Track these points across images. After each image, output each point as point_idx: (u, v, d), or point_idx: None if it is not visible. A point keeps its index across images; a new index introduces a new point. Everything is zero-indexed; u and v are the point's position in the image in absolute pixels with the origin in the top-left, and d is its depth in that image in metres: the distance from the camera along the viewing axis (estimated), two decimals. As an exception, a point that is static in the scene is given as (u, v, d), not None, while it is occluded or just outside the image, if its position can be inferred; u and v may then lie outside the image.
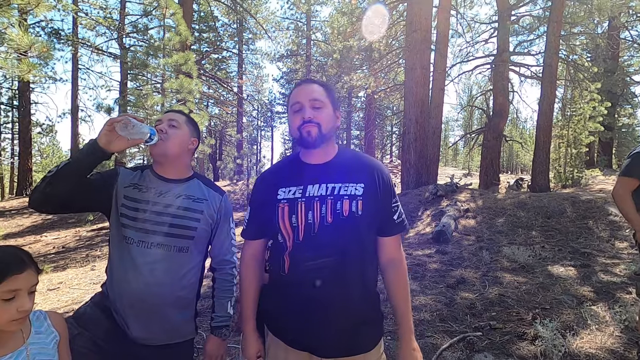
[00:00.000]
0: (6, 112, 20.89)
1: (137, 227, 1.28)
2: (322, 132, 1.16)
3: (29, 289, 0.92)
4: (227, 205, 1.46)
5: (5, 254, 0.91)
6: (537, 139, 9.00)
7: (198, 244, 1.36)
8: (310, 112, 1.15)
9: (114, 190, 1.33)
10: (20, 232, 10.03)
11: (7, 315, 0.87)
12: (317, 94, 1.18)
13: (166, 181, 1.36)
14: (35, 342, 0.99)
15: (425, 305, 3.24)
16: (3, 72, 13.91)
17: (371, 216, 1.15)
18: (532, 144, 11.67)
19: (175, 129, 1.37)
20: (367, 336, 1.19)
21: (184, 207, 1.33)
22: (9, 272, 0.88)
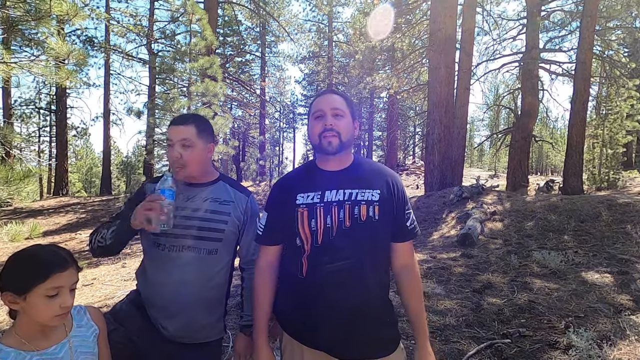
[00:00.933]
0: (45, 117, 22.12)
1: (167, 232, 1.32)
2: (342, 140, 1.21)
3: (71, 286, 0.97)
4: (253, 206, 1.47)
5: (49, 254, 0.96)
6: (569, 138, 8.61)
7: (226, 245, 1.39)
8: (331, 120, 1.21)
9: None
10: (57, 230, 10.57)
11: (51, 311, 0.93)
12: (338, 104, 1.24)
13: (193, 186, 1.39)
14: (77, 335, 1.05)
15: (450, 309, 3.16)
16: (43, 79, 14.72)
17: (387, 221, 1.19)
18: (564, 144, 11.19)
19: (190, 148, 1.34)
20: (385, 339, 1.20)
21: (211, 210, 1.36)
22: (52, 271, 0.93)
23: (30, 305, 0.92)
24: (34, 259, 0.94)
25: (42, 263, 0.93)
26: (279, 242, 1.29)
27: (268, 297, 1.28)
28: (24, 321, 0.95)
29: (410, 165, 23.35)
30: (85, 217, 12.23)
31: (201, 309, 1.34)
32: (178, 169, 1.33)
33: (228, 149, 10.14)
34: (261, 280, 1.29)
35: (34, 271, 0.92)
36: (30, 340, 0.95)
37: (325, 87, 22.32)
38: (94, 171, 30.53)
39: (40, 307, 0.92)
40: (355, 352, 1.16)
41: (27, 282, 0.91)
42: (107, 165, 18.21)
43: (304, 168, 1.33)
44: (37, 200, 15.54)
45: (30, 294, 0.91)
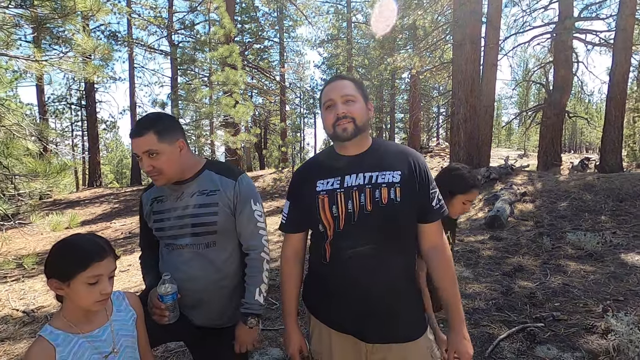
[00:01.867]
0: (76, 112, 23.08)
1: (167, 235, 1.38)
2: (357, 125, 1.18)
3: (109, 274, 1.03)
4: (243, 188, 1.39)
5: (89, 243, 1.01)
6: (607, 113, 8.09)
7: (225, 234, 1.37)
8: (343, 108, 1.18)
9: (145, 218, 1.46)
10: (93, 220, 11.15)
11: (92, 297, 0.99)
12: (348, 89, 1.20)
13: (179, 184, 1.39)
14: (117, 319, 1.11)
15: (479, 293, 3.11)
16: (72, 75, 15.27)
17: (410, 203, 1.15)
18: (600, 119, 10.52)
19: (157, 156, 1.28)
20: (411, 323, 1.19)
21: (199, 205, 1.35)
22: (92, 260, 0.98)
23: (74, 291, 0.98)
24: (75, 249, 0.99)
25: (83, 253, 0.98)
26: (302, 229, 1.30)
27: (295, 284, 1.31)
28: (69, 306, 1.02)
29: (434, 147, 22.77)
30: (118, 207, 12.81)
31: (218, 299, 1.38)
32: (156, 177, 1.31)
33: (250, 136, 10.25)
34: (287, 268, 1.32)
35: (75, 260, 0.97)
36: (76, 324, 1.02)
37: (345, 71, 21.91)
38: (124, 162, 31.80)
39: (82, 293, 0.98)
40: (381, 335, 1.16)
41: (70, 271, 0.97)
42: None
43: (323, 154, 1.32)
44: (74, 192, 16.40)
45: (73, 281, 0.97)
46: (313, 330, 1.29)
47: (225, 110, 9.45)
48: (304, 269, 1.36)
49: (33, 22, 3.60)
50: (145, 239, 1.51)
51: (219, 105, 9.51)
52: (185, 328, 1.38)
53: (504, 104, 40.23)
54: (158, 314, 1.27)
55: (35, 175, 3.49)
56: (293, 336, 1.29)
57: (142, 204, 1.48)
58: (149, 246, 1.51)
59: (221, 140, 10.63)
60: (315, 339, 1.28)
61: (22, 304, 3.71)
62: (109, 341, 1.05)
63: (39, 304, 3.69)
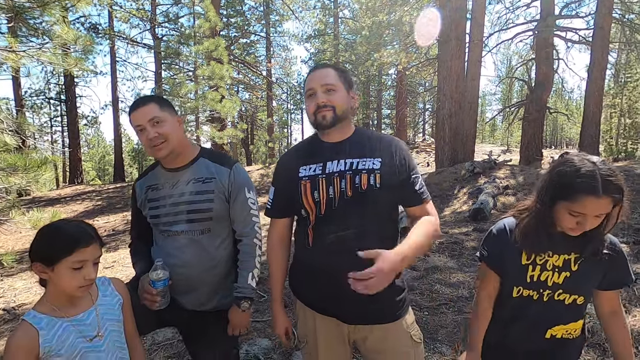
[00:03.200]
0: (55, 107, 22.38)
1: (162, 222, 1.40)
2: (337, 113, 1.20)
3: (94, 260, 1.03)
4: (238, 176, 1.42)
5: (75, 229, 1.02)
6: (585, 109, 8.36)
7: (219, 221, 1.41)
8: (323, 97, 1.21)
9: (140, 206, 1.47)
10: (74, 217, 10.89)
11: (75, 282, 0.99)
12: (329, 79, 1.21)
13: (174, 171, 1.41)
14: (103, 303, 1.12)
15: (463, 282, 3.20)
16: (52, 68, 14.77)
17: (389, 188, 1.17)
18: (580, 115, 10.84)
19: (162, 123, 1.33)
20: (391, 305, 1.22)
21: (195, 192, 1.37)
22: (78, 245, 0.98)
23: (58, 275, 0.98)
24: (60, 234, 1.00)
25: (68, 238, 0.99)
26: (287, 214, 1.34)
27: (281, 268, 1.36)
28: (53, 290, 1.02)
29: (420, 142, 23.05)
30: (101, 204, 12.53)
31: (209, 284, 1.41)
32: (160, 146, 1.32)
33: (237, 132, 10.15)
34: (273, 253, 1.36)
35: (60, 245, 0.98)
36: (60, 308, 1.02)
37: (331, 66, 21.84)
38: (107, 159, 31.05)
39: (66, 278, 0.98)
40: (360, 317, 1.20)
41: (55, 255, 0.97)
42: (119, 152, 18.45)
43: (307, 141, 1.35)
44: (54, 189, 15.95)
45: (57, 265, 0.97)
46: (299, 313, 1.34)
47: (211, 105, 9.33)
48: (290, 255, 1.39)
49: (9, 11, 3.48)
50: (137, 228, 1.52)
51: (205, 100, 9.38)
52: (177, 313, 1.40)
53: (488, 100, 41.02)
54: (149, 300, 1.28)
55: (15, 170, 3.39)
56: (279, 318, 1.35)
57: (136, 193, 1.48)
58: (140, 235, 1.52)
59: (207, 136, 10.51)
60: (300, 322, 1.33)
61: (3, 302, 3.62)
62: (93, 325, 1.06)
63: (20, 301, 3.60)
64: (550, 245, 1.10)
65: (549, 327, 1.14)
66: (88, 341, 1.03)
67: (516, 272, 1.16)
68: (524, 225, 1.14)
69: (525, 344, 1.18)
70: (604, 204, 0.96)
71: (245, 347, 2.27)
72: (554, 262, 1.11)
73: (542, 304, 1.13)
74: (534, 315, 1.14)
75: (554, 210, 1.04)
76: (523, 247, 1.14)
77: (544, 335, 1.14)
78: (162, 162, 1.44)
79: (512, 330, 1.18)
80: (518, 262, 1.15)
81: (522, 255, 1.15)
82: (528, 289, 1.14)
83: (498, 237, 1.21)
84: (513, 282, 1.17)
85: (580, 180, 0.96)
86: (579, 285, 1.11)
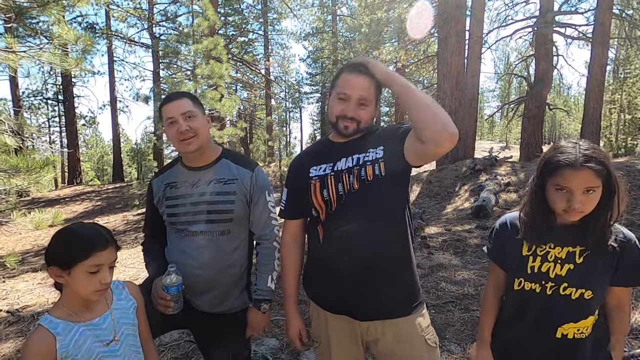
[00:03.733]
0: (53, 107, 22.27)
1: (180, 221, 1.38)
2: (360, 127, 1.21)
3: (110, 264, 1.02)
4: (259, 179, 1.42)
5: (91, 232, 1.00)
6: (586, 105, 8.35)
7: (239, 223, 1.41)
8: (354, 111, 1.18)
9: (156, 204, 1.45)
10: (75, 218, 10.86)
11: (92, 286, 0.98)
12: (366, 92, 1.17)
13: (196, 170, 1.40)
14: (118, 307, 1.10)
15: (468, 279, 3.20)
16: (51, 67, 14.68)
17: (396, 172, 1.16)
18: (578, 111, 10.84)
19: (194, 118, 1.34)
20: (403, 298, 1.20)
21: (216, 192, 1.36)
22: (94, 249, 0.97)
23: (74, 280, 0.97)
24: (77, 237, 0.98)
25: (85, 241, 0.98)
26: (300, 215, 1.34)
27: (294, 268, 1.36)
28: (69, 294, 1.01)
29: (419, 140, 23.02)
30: (100, 205, 12.50)
31: (223, 286, 1.40)
32: (191, 140, 1.32)
33: (237, 130, 10.11)
34: (286, 253, 1.36)
35: (77, 249, 0.96)
36: (76, 312, 1.01)
37: (330, 64, 21.81)
38: (106, 159, 30.95)
39: (82, 282, 0.97)
40: (371, 312, 1.19)
41: (71, 259, 0.96)
42: (118, 152, 18.40)
43: (318, 143, 1.38)
44: (53, 190, 15.90)
45: (73, 269, 0.96)
46: (312, 314, 1.33)
47: (210, 104, 9.29)
48: (304, 255, 1.38)
49: (8, 11, 3.45)
50: (151, 225, 1.51)
51: (204, 99, 9.33)
52: (191, 315, 1.39)
53: (487, 97, 40.98)
54: (162, 305, 1.28)
55: (17, 171, 3.37)
56: (292, 320, 1.33)
57: (153, 190, 1.47)
58: (153, 233, 1.51)
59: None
60: (314, 323, 1.32)
61: (6, 304, 3.60)
62: (110, 329, 1.05)
63: (24, 303, 3.59)
64: (551, 237, 1.09)
65: (559, 325, 1.11)
66: (105, 346, 1.02)
67: (516, 263, 1.15)
68: (523, 214, 1.15)
69: (536, 343, 1.15)
70: (585, 176, 0.99)
71: (253, 347, 2.27)
72: (556, 254, 1.09)
73: (546, 298, 1.10)
74: (539, 311, 1.12)
75: (546, 193, 1.06)
76: (524, 237, 1.14)
77: (554, 334, 1.12)
78: (185, 159, 1.43)
79: (520, 327, 1.16)
80: (519, 253, 1.15)
81: (523, 247, 1.15)
82: (529, 281, 1.13)
83: (500, 231, 1.23)
84: (514, 273, 1.17)
85: (560, 154, 1.03)
86: (584, 278, 1.08)
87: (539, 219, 1.10)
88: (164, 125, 1.35)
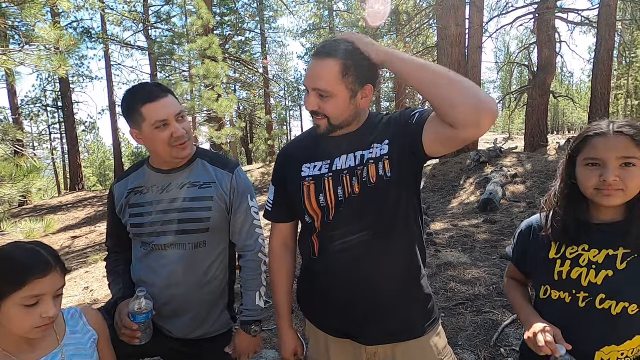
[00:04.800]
0: (52, 114, 22.23)
1: (147, 232, 1.19)
2: (332, 123, 0.98)
3: (55, 292, 0.83)
4: (240, 182, 1.24)
5: (28, 255, 0.81)
6: (593, 90, 8.11)
7: (216, 233, 1.22)
8: (312, 103, 0.96)
9: (119, 213, 1.26)
10: (77, 224, 10.77)
11: (29, 322, 0.79)
12: (323, 82, 0.92)
13: (166, 173, 1.22)
14: (71, 342, 0.92)
15: (478, 278, 3.02)
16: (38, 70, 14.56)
17: (404, 171, 0.97)
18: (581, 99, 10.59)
19: (184, 119, 1.18)
20: (413, 320, 1.03)
21: (190, 198, 1.19)
22: (30, 277, 0.78)
23: (5, 315, 0.78)
24: (8, 262, 0.79)
25: (18, 267, 0.79)
26: (290, 218, 1.14)
27: (285, 279, 1.16)
28: (3, 331, 0.82)
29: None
30: (102, 210, 12.40)
31: (201, 306, 1.22)
32: (184, 145, 1.15)
33: (235, 130, 9.95)
34: (276, 262, 1.16)
35: (7, 276, 0.78)
36: (14, 352, 0.83)
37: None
38: (107, 164, 30.94)
39: (16, 317, 0.78)
40: (380, 335, 1.01)
41: (1, 289, 0.77)
42: (118, 157, 18.31)
43: (311, 134, 1.12)
44: (55, 197, 15.85)
45: (4, 302, 0.77)
46: (309, 335, 1.15)
47: (207, 104, 9.14)
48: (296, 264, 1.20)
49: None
50: (115, 238, 1.31)
51: (201, 100, 9.19)
52: (162, 342, 1.21)
53: (487, 89, 40.53)
54: (128, 335, 1.09)
55: (1, 180, 3.22)
56: (286, 339, 1.15)
57: (114, 197, 1.27)
58: (118, 247, 1.32)
59: (205, 136, 10.32)
60: (312, 345, 1.14)
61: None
62: None
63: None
64: (585, 236, 0.91)
65: (597, 348, 0.90)
66: None
67: (542, 268, 0.97)
68: (550, 209, 0.98)
69: None
70: (620, 142, 0.84)
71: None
72: (591, 257, 0.90)
73: (579, 311, 0.90)
74: (570, 327, 0.90)
75: (577, 176, 0.91)
76: (552, 236, 0.96)
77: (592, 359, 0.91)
78: (159, 162, 1.22)
79: None
80: (544, 255, 0.97)
81: (550, 249, 0.97)
82: (556, 288, 0.94)
83: (523, 233, 1.06)
84: (540, 279, 0.99)
85: (590, 128, 0.91)
86: (627, 288, 0.87)
87: (569, 212, 0.92)
88: (145, 127, 1.12)
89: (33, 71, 15.88)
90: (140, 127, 1.13)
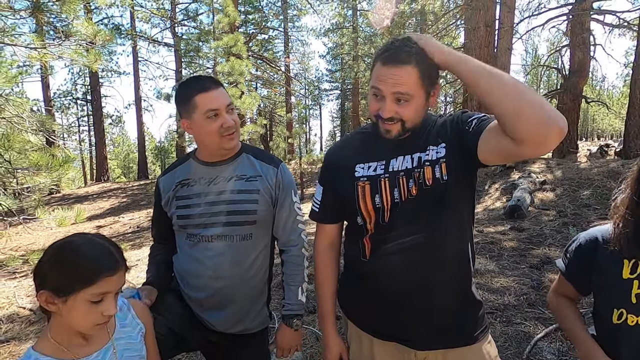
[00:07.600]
0: (82, 107, 23.07)
1: (195, 223, 1.20)
2: (406, 127, 0.95)
3: (117, 291, 0.83)
4: (285, 177, 1.26)
5: (100, 252, 0.80)
6: (632, 96, 7.71)
7: (262, 226, 1.23)
8: (391, 109, 0.92)
9: (164, 206, 1.27)
10: (102, 214, 11.13)
11: (91, 319, 0.78)
12: (404, 86, 0.89)
13: (212, 166, 1.23)
14: (121, 336, 0.90)
15: (507, 288, 2.92)
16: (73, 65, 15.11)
17: (461, 175, 0.95)
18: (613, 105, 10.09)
19: (234, 111, 1.19)
20: (466, 325, 1.00)
21: (238, 190, 1.20)
22: (102, 273, 0.78)
23: (70, 309, 0.77)
24: (82, 257, 0.78)
25: (92, 263, 0.78)
26: (338, 219, 1.13)
27: (331, 281, 1.14)
28: (59, 325, 0.81)
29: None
30: (126, 201, 12.79)
31: (244, 301, 1.22)
32: (232, 136, 1.17)
33: (257, 127, 10.05)
34: (322, 264, 1.14)
35: (80, 272, 0.77)
36: (68, 347, 0.82)
37: (350, 61, 21.47)
38: (131, 157, 31.88)
39: (80, 313, 0.77)
40: (432, 340, 0.99)
41: (71, 284, 0.76)
42: (142, 150, 18.82)
43: (362, 133, 1.10)
44: (82, 187, 16.45)
45: (72, 297, 0.76)
46: (351, 338, 1.12)
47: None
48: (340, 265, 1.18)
49: (31, 8, 3.43)
50: (158, 229, 1.35)
51: (225, 97, 9.34)
52: (204, 336, 1.22)
53: (514, 92, 39.33)
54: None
55: (38, 169, 3.35)
56: (331, 344, 1.12)
57: (160, 190, 1.28)
58: (161, 238, 1.35)
59: (228, 133, 10.48)
60: (354, 348, 1.11)
61: (29, 302, 3.61)
62: None
63: (46, 301, 3.59)
64: None
65: None
66: None
67: (615, 290, 0.89)
68: (622, 225, 0.89)
69: None
70: None
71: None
72: None
73: None
74: None
75: None
76: (624, 253, 0.88)
77: None
78: (206, 154, 1.24)
79: None
80: (617, 275, 0.89)
81: (624, 268, 0.88)
82: (634, 313, 0.87)
83: (583, 247, 0.97)
84: (612, 302, 0.90)
85: None
86: None
87: None
88: (196, 117, 1.13)
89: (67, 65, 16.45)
90: (192, 117, 1.15)
